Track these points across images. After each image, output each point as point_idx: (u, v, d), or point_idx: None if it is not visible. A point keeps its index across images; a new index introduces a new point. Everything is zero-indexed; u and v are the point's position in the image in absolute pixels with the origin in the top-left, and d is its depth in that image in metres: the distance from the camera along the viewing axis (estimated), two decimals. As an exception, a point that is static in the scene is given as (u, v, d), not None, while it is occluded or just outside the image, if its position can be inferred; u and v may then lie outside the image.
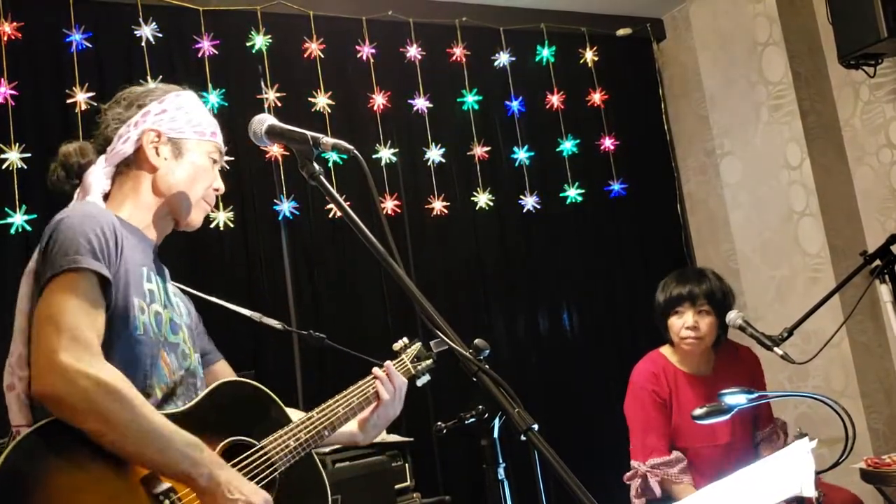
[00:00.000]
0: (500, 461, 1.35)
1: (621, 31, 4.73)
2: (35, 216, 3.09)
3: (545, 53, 4.44)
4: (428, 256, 3.99)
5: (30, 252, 3.11)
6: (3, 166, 3.08)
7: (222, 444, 1.59)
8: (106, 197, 1.72)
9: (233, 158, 3.53)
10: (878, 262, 2.81)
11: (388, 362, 1.93)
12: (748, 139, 4.20)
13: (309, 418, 1.73)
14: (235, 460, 1.57)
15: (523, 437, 1.21)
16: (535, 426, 1.21)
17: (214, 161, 1.80)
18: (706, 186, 4.72)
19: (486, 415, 1.33)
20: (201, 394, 1.65)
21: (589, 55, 4.59)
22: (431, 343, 2.00)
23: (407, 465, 3.06)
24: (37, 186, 3.15)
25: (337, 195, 1.52)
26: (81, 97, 3.25)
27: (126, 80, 3.37)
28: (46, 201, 3.16)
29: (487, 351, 1.47)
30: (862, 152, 4.01)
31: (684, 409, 2.79)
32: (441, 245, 4.04)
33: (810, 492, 1.71)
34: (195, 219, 1.79)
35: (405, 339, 2.03)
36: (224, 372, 1.87)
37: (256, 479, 1.58)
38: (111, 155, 1.71)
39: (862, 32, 3.48)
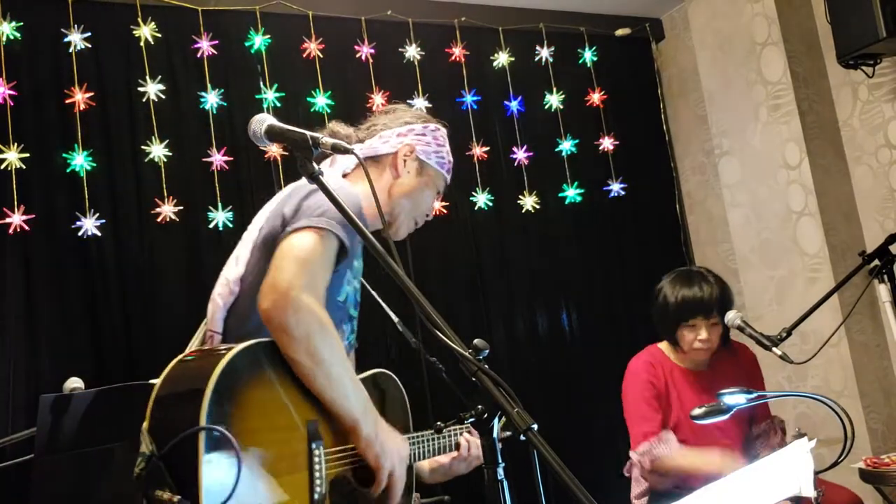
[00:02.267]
0: (500, 461, 1.35)
1: (620, 31, 4.73)
2: (33, 216, 3.10)
3: (544, 53, 4.44)
4: (427, 256, 3.99)
5: (28, 252, 3.13)
6: (2, 166, 3.08)
7: None
8: (344, 176, 1.96)
9: (231, 158, 3.54)
10: (876, 261, 2.82)
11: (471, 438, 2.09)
12: (747, 139, 4.21)
13: (421, 435, 1.92)
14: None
15: (522, 437, 1.22)
16: (535, 426, 1.22)
17: (439, 192, 2.13)
18: (705, 186, 4.72)
19: (486, 414, 1.33)
20: (368, 372, 1.88)
21: (588, 55, 4.59)
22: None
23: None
24: (35, 187, 3.16)
25: (336, 195, 1.52)
26: (81, 97, 3.25)
27: (126, 80, 3.41)
28: (45, 202, 3.17)
29: (487, 351, 1.47)
30: (861, 152, 4.01)
31: (683, 403, 2.80)
32: (440, 245, 4.04)
33: (809, 492, 1.72)
34: (401, 232, 2.04)
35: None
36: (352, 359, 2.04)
37: (364, 468, 1.71)
38: (367, 148, 1.99)
39: (861, 32, 3.48)
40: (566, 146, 4.42)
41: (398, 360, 3.64)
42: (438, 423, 1.99)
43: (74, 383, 2.41)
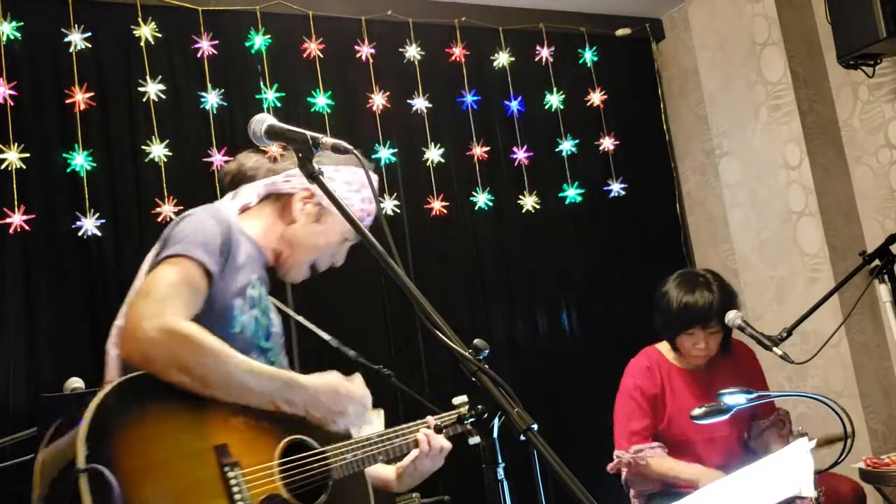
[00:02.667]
0: (500, 461, 1.35)
1: (620, 32, 4.73)
2: (34, 216, 3.10)
3: (544, 53, 4.44)
4: (427, 256, 3.99)
5: (28, 252, 3.13)
6: (2, 166, 3.08)
7: (287, 438, 1.65)
8: (244, 209, 1.89)
9: (231, 158, 3.53)
10: (877, 262, 2.82)
11: (430, 418, 1.97)
12: (747, 139, 4.21)
13: (368, 439, 1.80)
14: (296, 456, 1.64)
15: (522, 437, 1.22)
16: (535, 426, 1.21)
17: (346, 239, 1.93)
18: (705, 186, 4.72)
19: (486, 414, 1.32)
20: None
21: (588, 55, 4.59)
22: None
23: (406, 464, 3.06)
24: (35, 187, 3.16)
25: (336, 195, 1.52)
26: (81, 97, 3.25)
27: (126, 80, 3.41)
28: (45, 202, 3.17)
29: (486, 351, 1.47)
30: (861, 152, 4.01)
31: (680, 402, 2.80)
32: (440, 245, 4.04)
33: (809, 491, 1.72)
34: (292, 275, 1.93)
35: (465, 398, 2.04)
36: None
37: (308, 481, 1.64)
38: (271, 185, 1.89)
39: (861, 32, 3.48)
40: (566, 146, 4.42)
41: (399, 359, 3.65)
42: (438, 423, 1.99)
43: (75, 383, 2.41)
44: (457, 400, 2.05)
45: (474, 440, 1.95)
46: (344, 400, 1.68)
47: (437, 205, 3.99)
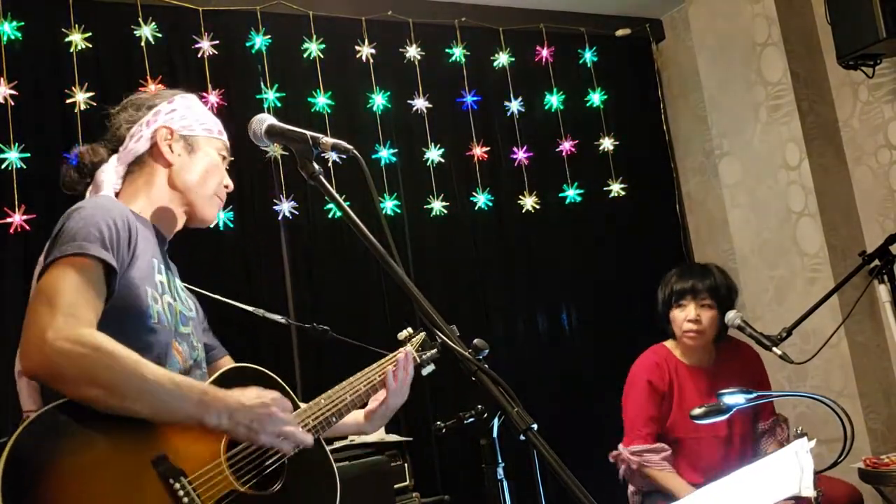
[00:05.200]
0: (500, 461, 1.36)
1: (620, 32, 4.73)
2: (34, 216, 3.10)
3: (544, 53, 4.44)
4: (427, 256, 3.99)
5: (29, 252, 3.13)
6: (3, 166, 3.08)
7: None
8: (117, 195, 1.75)
9: (232, 159, 3.53)
10: (876, 262, 2.82)
11: (400, 351, 1.92)
12: (747, 139, 4.21)
13: (316, 404, 1.74)
14: (240, 447, 1.55)
15: (522, 437, 1.22)
16: (535, 426, 1.22)
17: (224, 157, 1.88)
18: (705, 187, 4.72)
19: (486, 414, 1.33)
20: (219, 371, 1.69)
21: (588, 55, 4.59)
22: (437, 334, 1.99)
23: (406, 464, 3.06)
24: (36, 186, 3.15)
25: (336, 195, 1.52)
26: (81, 97, 3.25)
27: (126, 80, 3.41)
28: (45, 201, 3.17)
29: (487, 350, 1.47)
30: (861, 153, 4.01)
31: (685, 400, 2.82)
32: (440, 245, 4.04)
33: (809, 491, 1.72)
34: (210, 214, 1.84)
35: (409, 329, 2.03)
36: (228, 364, 1.89)
37: (264, 466, 1.57)
38: (124, 153, 1.76)
39: (861, 33, 3.49)
40: (566, 146, 4.42)
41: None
42: (438, 422, 1.99)
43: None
44: (401, 335, 2.01)
45: (428, 370, 1.96)
46: (272, 408, 1.54)
47: (437, 205, 3.99)
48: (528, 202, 4.26)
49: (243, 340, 3.33)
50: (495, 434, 1.34)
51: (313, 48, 3.79)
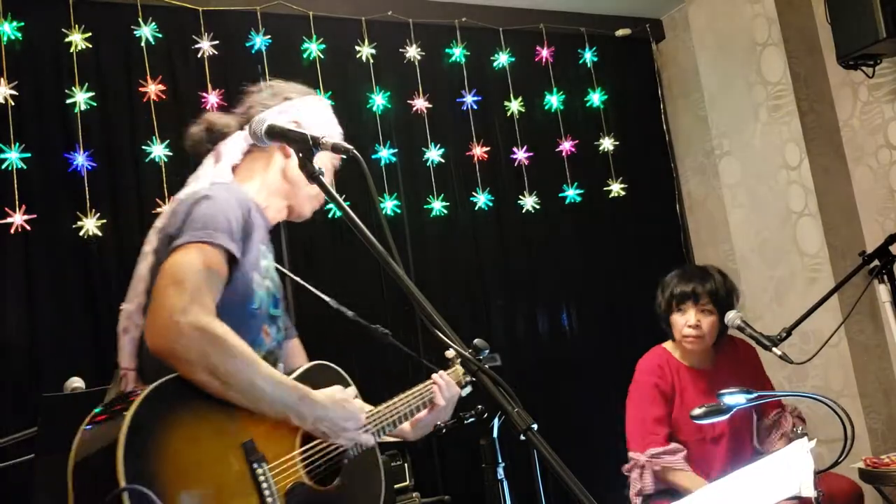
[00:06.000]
0: (500, 461, 1.35)
1: (620, 32, 4.74)
2: (34, 216, 3.10)
3: (544, 53, 4.45)
4: (427, 256, 3.99)
5: (28, 252, 3.13)
6: (3, 166, 3.08)
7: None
8: (234, 168, 1.85)
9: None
10: (876, 262, 2.82)
11: (442, 373, 2.02)
12: (747, 139, 4.21)
13: (377, 412, 1.85)
14: (313, 443, 1.67)
15: (522, 437, 1.22)
16: (535, 425, 1.22)
17: (334, 165, 1.98)
18: (705, 186, 4.72)
19: (486, 414, 1.33)
20: (299, 369, 1.79)
21: (588, 55, 4.59)
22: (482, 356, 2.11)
23: (406, 464, 3.06)
24: (36, 186, 3.16)
25: (336, 195, 1.52)
26: (81, 97, 3.25)
27: (126, 80, 3.41)
28: (46, 201, 3.17)
29: (487, 350, 1.48)
30: (861, 152, 4.01)
31: (686, 402, 2.81)
32: (440, 245, 4.04)
33: (809, 492, 1.72)
34: (307, 211, 1.93)
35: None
36: (297, 347, 2.00)
37: (327, 464, 1.69)
38: (250, 135, 1.82)
39: (861, 33, 3.49)
40: (566, 146, 4.42)
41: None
42: (438, 422, 2.00)
43: (75, 383, 2.41)
44: (449, 353, 2.07)
45: (467, 391, 2.05)
46: (350, 417, 1.70)
47: (437, 205, 4.00)
48: (528, 202, 4.26)
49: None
50: (495, 434, 1.34)
51: (313, 48, 3.79)
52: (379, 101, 3.91)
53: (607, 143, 4.55)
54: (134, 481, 1.31)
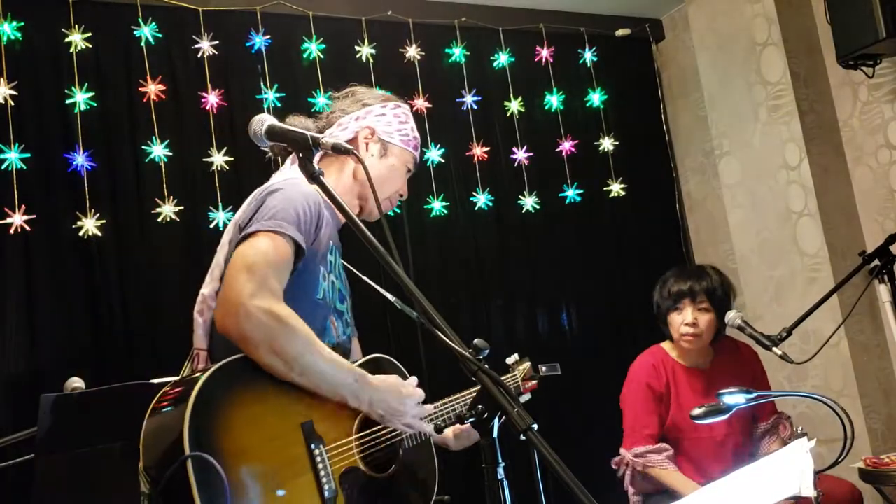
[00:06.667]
0: (500, 461, 1.35)
1: (620, 32, 4.74)
2: (34, 216, 3.10)
3: (544, 53, 4.45)
4: (427, 257, 3.99)
5: (30, 252, 3.13)
6: (3, 166, 3.08)
7: (362, 413, 1.74)
8: None
9: (232, 158, 3.54)
10: (876, 262, 2.82)
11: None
12: (747, 139, 4.21)
13: (434, 407, 1.91)
14: (370, 430, 1.74)
15: (522, 437, 1.22)
16: (535, 425, 1.22)
17: (409, 170, 2.07)
18: (705, 186, 4.73)
19: (486, 414, 1.33)
20: (361, 359, 1.87)
21: (588, 55, 4.59)
22: (541, 366, 2.13)
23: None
24: (36, 186, 3.16)
25: (337, 195, 1.53)
26: (81, 97, 3.25)
27: (126, 80, 3.41)
28: (45, 201, 3.17)
29: (487, 350, 1.47)
30: (860, 152, 4.01)
31: (682, 401, 2.82)
32: (440, 245, 4.04)
33: (809, 492, 1.72)
34: (376, 212, 1.99)
35: (517, 356, 2.15)
36: (356, 346, 2.06)
37: (383, 452, 1.75)
38: (328, 136, 1.95)
39: (860, 33, 3.49)
40: (566, 146, 4.42)
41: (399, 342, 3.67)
42: (438, 422, 2.00)
43: (75, 383, 2.41)
44: (510, 359, 2.19)
45: (525, 398, 2.18)
46: (406, 401, 1.75)
47: (437, 205, 4.00)
48: (528, 202, 4.26)
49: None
50: (495, 434, 1.34)
51: (313, 48, 3.79)
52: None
53: (607, 143, 4.55)
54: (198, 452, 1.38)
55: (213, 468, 1.36)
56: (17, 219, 3.07)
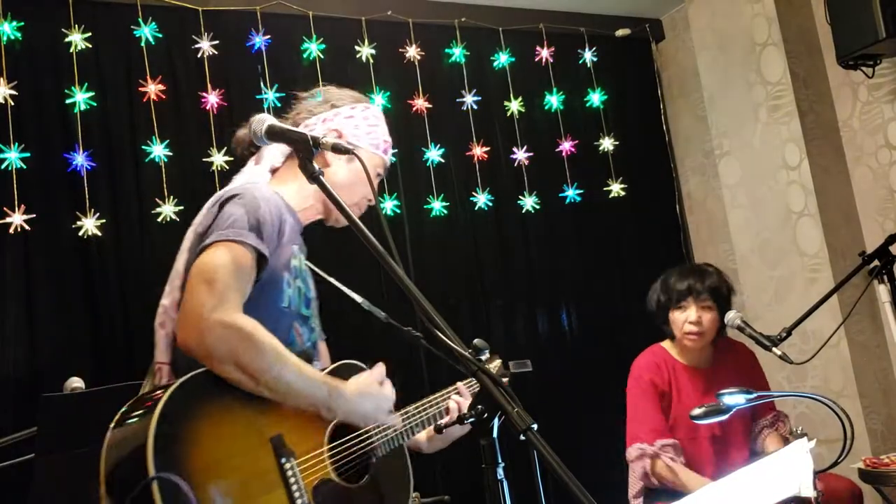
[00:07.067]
0: (500, 461, 1.35)
1: (620, 32, 4.74)
2: (34, 216, 3.10)
3: (544, 53, 4.45)
4: (427, 256, 3.99)
5: (29, 252, 3.13)
6: (3, 166, 3.08)
7: (334, 421, 1.68)
8: (273, 171, 1.89)
9: (232, 158, 3.54)
10: (876, 262, 2.82)
11: (459, 384, 2.01)
12: (747, 139, 4.21)
13: (406, 412, 1.86)
14: (341, 440, 1.68)
15: (522, 437, 1.22)
16: (534, 425, 1.22)
17: (378, 174, 1.95)
18: (705, 187, 4.73)
19: (486, 414, 1.33)
20: (330, 367, 1.80)
21: (588, 55, 4.59)
22: (510, 363, 2.09)
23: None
24: (36, 186, 3.16)
25: (336, 195, 1.53)
26: (81, 97, 3.25)
27: (126, 80, 3.41)
28: (45, 201, 3.17)
29: (486, 350, 1.48)
30: (860, 153, 4.01)
31: (683, 401, 2.81)
32: (440, 245, 4.04)
33: (809, 492, 1.72)
34: (343, 219, 1.87)
35: (486, 354, 2.09)
36: (324, 351, 1.98)
37: (355, 462, 1.70)
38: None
39: (860, 33, 3.49)
40: (566, 146, 4.42)
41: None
42: (438, 422, 1.99)
43: (75, 383, 2.41)
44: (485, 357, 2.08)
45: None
46: (381, 406, 1.71)
47: (437, 205, 4.00)
48: (528, 202, 4.26)
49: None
50: (495, 434, 1.34)
51: (313, 48, 3.79)
52: (379, 100, 3.91)
53: (607, 143, 4.55)
54: (163, 472, 1.33)
55: (180, 490, 1.32)
56: (17, 219, 3.07)
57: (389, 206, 3.86)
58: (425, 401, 1.93)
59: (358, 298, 2.23)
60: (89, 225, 3.20)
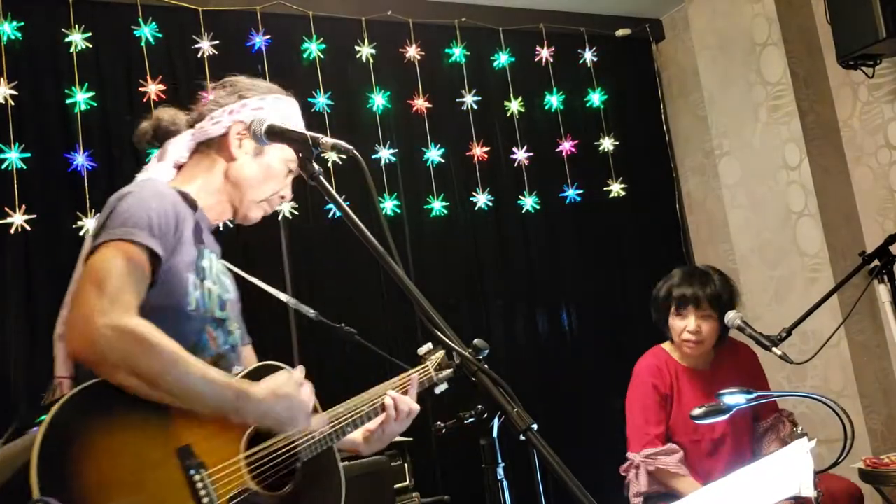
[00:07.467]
0: (500, 461, 1.35)
1: (620, 32, 4.74)
2: (34, 216, 3.10)
3: (544, 53, 4.45)
4: (427, 256, 3.99)
5: (28, 252, 3.13)
6: (3, 166, 3.08)
7: (252, 427, 1.58)
8: (179, 167, 1.78)
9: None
10: (876, 262, 2.82)
11: (399, 378, 1.92)
12: (747, 139, 4.21)
13: (335, 412, 1.75)
14: (261, 445, 1.58)
15: (522, 437, 1.22)
16: (535, 426, 1.22)
17: (290, 170, 1.83)
18: (705, 187, 4.72)
19: (486, 414, 1.33)
20: (245, 369, 1.68)
21: (588, 55, 4.59)
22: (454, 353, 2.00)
23: (406, 464, 3.06)
24: (36, 186, 3.16)
25: (336, 195, 1.52)
26: (81, 97, 3.25)
27: (126, 80, 3.41)
28: (45, 201, 3.17)
29: (486, 351, 1.47)
30: (860, 153, 4.01)
31: (684, 404, 2.81)
32: (440, 245, 4.04)
33: (809, 492, 1.72)
34: (252, 216, 1.83)
35: (430, 345, 2.02)
36: (250, 355, 1.88)
37: (279, 467, 1.59)
38: (198, 131, 1.78)
39: (861, 33, 3.48)
40: (566, 146, 4.42)
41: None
42: (438, 422, 1.98)
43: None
44: (422, 350, 2.01)
45: (441, 388, 1.96)
46: (296, 407, 1.59)
47: (437, 205, 4.00)
48: (528, 202, 4.26)
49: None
50: (495, 434, 1.34)
51: (313, 48, 3.79)
52: (379, 101, 3.91)
53: (607, 143, 4.55)
54: (51, 495, 1.24)
55: None
56: (18, 218, 3.07)
57: (389, 206, 3.86)
58: (356, 399, 1.81)
59: (284, 297, 2.15)
60: (90, 225, 3.19)
